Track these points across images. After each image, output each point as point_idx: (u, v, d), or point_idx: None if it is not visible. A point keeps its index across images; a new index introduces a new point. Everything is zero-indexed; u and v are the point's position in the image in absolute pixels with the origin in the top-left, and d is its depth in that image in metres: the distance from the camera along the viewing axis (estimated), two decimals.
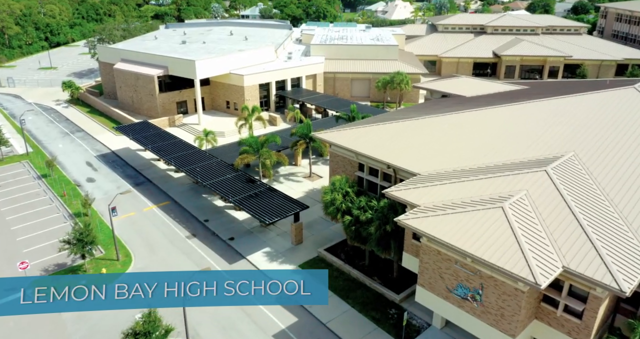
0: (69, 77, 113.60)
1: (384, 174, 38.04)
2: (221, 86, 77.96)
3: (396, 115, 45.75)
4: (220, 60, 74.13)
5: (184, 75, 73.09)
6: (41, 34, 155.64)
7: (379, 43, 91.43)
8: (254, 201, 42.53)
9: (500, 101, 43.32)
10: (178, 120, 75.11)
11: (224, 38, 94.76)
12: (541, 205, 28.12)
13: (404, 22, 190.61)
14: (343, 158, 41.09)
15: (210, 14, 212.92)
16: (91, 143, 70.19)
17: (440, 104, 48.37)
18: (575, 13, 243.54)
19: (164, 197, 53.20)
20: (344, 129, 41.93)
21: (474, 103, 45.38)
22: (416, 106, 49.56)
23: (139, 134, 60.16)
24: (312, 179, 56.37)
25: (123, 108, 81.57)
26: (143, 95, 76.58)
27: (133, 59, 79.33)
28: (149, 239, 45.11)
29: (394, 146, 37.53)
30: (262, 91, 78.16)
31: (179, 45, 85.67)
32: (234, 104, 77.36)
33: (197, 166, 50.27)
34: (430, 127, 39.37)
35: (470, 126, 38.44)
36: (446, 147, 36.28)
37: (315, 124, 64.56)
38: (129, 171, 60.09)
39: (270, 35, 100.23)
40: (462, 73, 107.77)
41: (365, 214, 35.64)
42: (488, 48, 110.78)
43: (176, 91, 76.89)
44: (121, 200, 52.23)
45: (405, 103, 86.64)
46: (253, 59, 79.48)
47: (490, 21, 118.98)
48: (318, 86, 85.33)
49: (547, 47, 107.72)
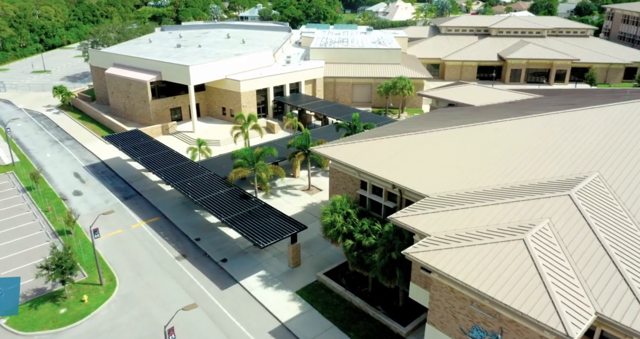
0: (62, 81, 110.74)
1: (388, 193, 35.00)
2: (217, 91, 74.96)
3: (401, 127, 42.69)
4: (215, 65, 71.12)
5: (178, 81, 70.07)
6: (36, 36, 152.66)
7: (380, 47, 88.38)
8: (248, 221, 39.46)
9: (513, 113, 40.24)
10: (172, 127, 72.08)
11: (221, 41, 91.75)
12: (566, 236, 25.04)
13: (406, 23, 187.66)
14: (344, 174, 38.05)
15: (209, 15, 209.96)
16: (80, 152, 67.14)
17: (448, 115, 45.30)
18: (579, 14, 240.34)
19: (153, 212, 50.15)
20: (345, 143, 38.86)
21: (485, 114, 42.31)
22: (422, 116, 46.52)
23: (129, 144, 57.14)
24: (311, 192, 53.32)
25: (115, 114, 78.59)
26: (135, 101, 73.58)
27: (125, 64, 76.33)
28: (136, 261, 42.04)
29: (399, 163, 34.48)
30: (259, 97, 75.17)
31: (174, 49, 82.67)
32: (230, 111, 74.34)
33: (188, 180, 47.23)
34: (438, 142, 36.29)
35: (483, 141, 35.35)
36: (457, 165, 33.20)
37: (315, 133, 61.61)
38: (118, 183, 57.06)
39: (269, 38, 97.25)
40: (466, 77, 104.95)
41: (368, 239, 32.59)
42: (493, 51, 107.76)
43: (170, 97, 73.88)
44: (108, 216, 49.31)
45: (408, 109, 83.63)
46: (250, 63, 76.47)
47: (495, 23, 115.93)
48: (318, 91, 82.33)
49: (553, 50, 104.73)
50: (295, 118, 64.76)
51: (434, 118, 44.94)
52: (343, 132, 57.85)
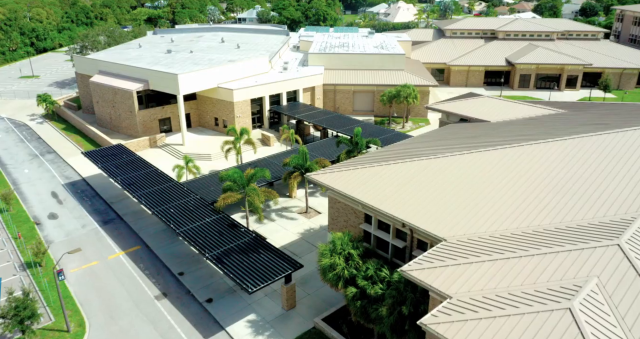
0: (50, 87, 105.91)
1: (397, 230, 30.14)
2: (209, 100, 70.09)
3: (409, 147, 37.79)
4: (207, 72, 66.23)
5: (166, 90, 65.21)
6: (26, 40, 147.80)
7: (383, 52, 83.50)
8: (235, 257, 34.57)
9: (538, 133, 35.34)
10: (160, 140, 67.21)
11: (214, 46, 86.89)
12: (622, 303, 20.18)
13: (408, 25, 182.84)
14: (345, 205, 33.19)
15: (206, 17, 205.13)
16: (61, 168, 62.27)
17: (462, 133, 40.41)
18: (584, 15, 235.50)
19: (134, 240, 45.27)
20: (347, 168, 33.97)
21: (505, 134, 37.40)
22: (432, 134, 41.63)
23: (110, 162, 52.26)
24: (308, 216, 48.43)
25: (101, 125, 73.75)
26: (122, 111, 68.71)
27: (111, 71, 71.48)
28: (111, 301, 37.15)
29: (409, 196, 29.59)
30: (254, 106, 70.29)
31: (164, 54, 77.80)
32: (224, 121, 69.47)
33: (171, 206, 42.32)
34: (454, 170, 31.39)
35: (507, 170, 30.46)
36: (478, 200, 28.31)
37: (313, 147, 56.81)
38: (98, 205, 52.19)
39: (265, 43, 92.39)
40: (472, 82, 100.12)
41: (374, 288, 27.71)
42: (500, 55, 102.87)
43: (159, 106, 69.01)
44: (85, 243, 44.68)
45: (413, 118, 78.77)
46: (244, 70, 71.60)
47: (502, 26, 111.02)
48: (317, 100, 77.46)
49: (564, 54, 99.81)
50: (292, 131, 59.86)
51: (446, 137, 40.04)
52: (344, 148, 53.04)
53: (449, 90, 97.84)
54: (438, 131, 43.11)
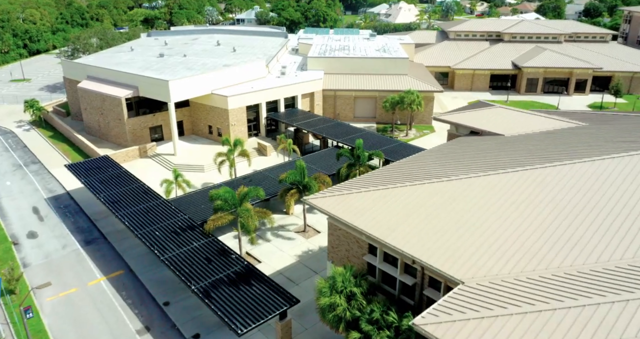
0: (41, 91, 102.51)
1: (405, 264, 26.64)
2: (202, 107, 66.58)
3: (417, 165, 34.28)
4: (200, 78, 62.72)
5: (156, 97, 61.72)
6: (19, 41, 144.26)
7: (386, 56, 79.96)
8: (224, 290, 31.05)
9: (561, 151, 31.83)
10: (151, 149, 63.68)
11: (209, 49, 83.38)
12: None
13: (409, 26, 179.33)
14: (347, 233, 29.70)
15: (204, 17, 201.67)
16: (45, 180, 58.77)
17: (474, 148, 36.88)
18: (588, 16, 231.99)
19: (117, 263, 41.78)
20: (349, 190, 30.46)
21: (523, 150, 33.89)
22: (441, 149, 38.12)
23: (94, 176, 48.75)
24: (307, 235, 44.91)
25: (90, 133, 70.24)
26: (110, 119, 65.20)
27: (100, 77, 67.97)
28: (88, 335, 33.62)
29: (420, 227, 26.09)
30: (250, 113, 66.78)
31: (156, 59, 74.27)
32: (218, 130, 65.96)
33: (157, 228, 38.80)
34: (470, 195, 27.88)
35: (531, 195, 26.94)
36: (499, 232, 24.79)
37: (312, 159, 53.34)
38: (81, 222, 48.69)
39: (263, 45, 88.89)
40: (477, 86, 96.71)
41: (380, 334, 24.20)
42: (506, 58, 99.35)
43: (150, 114, 65.49)
44: (65, 267, 41.29)
45: (417, 125, 75.23)
46: (240, 75, 68.07)
47: (507, 28, 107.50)
48: (316, 106, 73.95)
49: (572, 57, 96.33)
50: (290, 141, 56.36)
51: (458, 153, 36.52)
52: (345, 161, 49.53)
53: (453, 94, 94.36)
54: (447, 146, 39.59)
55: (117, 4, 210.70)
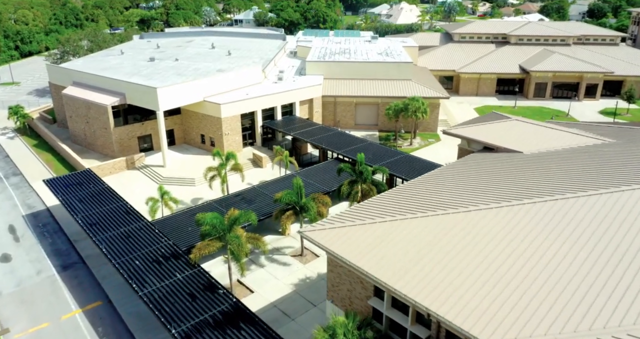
0: (29, 95, 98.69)
1: (417, 313, 22.83)
2: (194, 115, 62.72)
3: (429, 190, 30.43)
4: (191, 85, 58.84)
5: (144, 105, 57.88)
6: (10, 43, 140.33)
7: (389, 59, 76.09)
8: (210, 336, 27.17)
9: (593, 174, 27.97)
10: (139, 160, 59.82)
11: (203, 52, 79.53)
12: None
13: (411, 27, 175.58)
14: (349, 271, 25.87)
15: (202, 18, 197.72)
16: (25, 194, 54.93)
17: (491, 169, 33.04)
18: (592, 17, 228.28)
19: (96, 292, 37.91)
20: (351, 221, 26.62)
21: (544, 171, 30.05)
22: (455, 170, 34.24)
23: (73, 194, 44.89)
24: (304, 260, 41.04)
25: (75, 142, 66.37)
26: (96, 128, 61.35)
27: (86, 83, 64.09)
28: None
29: (436, 270, 22.26)
30: (246, 120, 62.91)
31: (146, 63, 70.40)
32: (211, 139, 62.10)
33: (137, 255, 34.95)
34: (494, 231, 24.04)
35: (566, 231, 23.10)
36: (529, 279, 20.94)
37: (310, 173, 49.56)
38: (60, 243, 44.85)
39: (259, 48, 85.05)
40: (483, 91, 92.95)
41: None
42: (513, 61, 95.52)
43: (138, 122, 61.62)
44: (38, 296, 37.54)
45: (422, 133, 71.37)
46: (235, 81, 64.21)
47: (514, 30, 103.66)
48: (315, 113, 70.08)
49: (582, 60, 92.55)
50: (286, 153, 52.51)
51: (473, 173, 32.68)
52: (346, 177, 45.68)
53: (458, 99, 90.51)
54: (460, 164, 35.73)
55: (113, 4, 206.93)
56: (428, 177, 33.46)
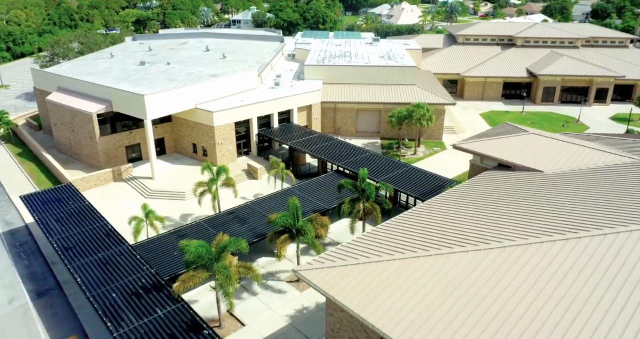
0: (18, 99, 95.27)
1: None
2: (186, 124, 59.19)
3: (442, 217, 26.92)
4: (182, 92, 55.30)
5: (131, 113, 54.35)
6: (2, 44, 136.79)
7: (392, 64, 72.52)
8: None
9: (630, 201, 24.43)
10: (126, 172, 56.27)
11: (197, 56, 75.98)
12: None
13: (413, 28, 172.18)
14: (352, 317, 22.33)
15: (199, 19, 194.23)
16: (3, 209, 51.41)
17: (509, 191, 29.51)
18: (596, 17, 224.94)
19: (71, 324, 34.35)
20: (354, 259, 23.12)
21: (572, 195, 26.50)
22: (469, 191, 30.73)
23: (50, 212, 41.34)
24: (301, 287, 37.48)
25: (61, 151, 62.84)
26: (82, 137, 57.79)
27: (71, 89, 60.54)
28: None
29: (456, 324, 18.70)
30: (240, 128, 59.41)
31: (136, 68, 66.83)
32: (203, 149, 58.58)
33: (114, 287, 31.39)
34: (520, 273, 20.50)
35: (612, 281, 19.56)
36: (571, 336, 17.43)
37: (308, 189, 46.10)
38: (36, 265, 41.29)
39: (256, 51, 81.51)
40: (489, 95, 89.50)
41: None
42: (520, 64, 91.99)
43: (126, 131, 58.06)
44: (6, 331, 33.86)
45: (426, 141, 67.83)
46: (229, 87, 60.70)
47: (520, 31, 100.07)
48: (314, 120, 66.56)
49: (592, 64, 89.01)
50: (283, 166, 48.95)
51: (490, 197, 29.14)
52: (348, 195, 42.20)
53: (463, 104, 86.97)
54: (475, 185, 32.19)
55: (109, 5, 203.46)
56: (441, 201, 29.92)
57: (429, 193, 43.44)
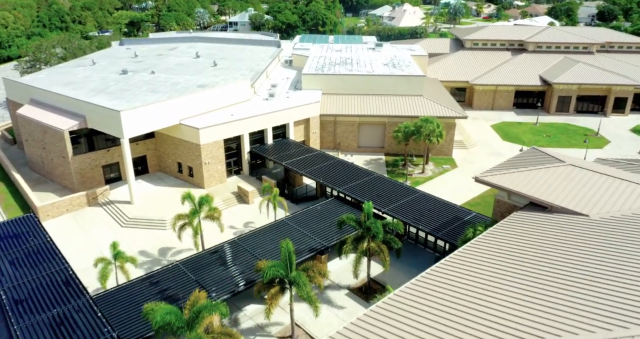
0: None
1: None
2: (170, 140, 53.45)
3: (477, 278, 21.21)
4: (164, 106, 49.53)
5: (107, 130, 48.61)
6: None
7: (397, 72, 66.68)
8: None
9: None
10: (103, 195, 50.49)
11: (186, 63, 70.16)
12: None
13: (415, 30, 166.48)
14: None
15: (194, 20, 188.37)
16: None
17: (549, 242, 23.76)
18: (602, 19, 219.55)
19: None
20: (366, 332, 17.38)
21: (630, 249, 20.80)
22: (502, 239, 25.07)
23: (5, 251, 35.46)
24: None
25: (34, 169, 57.04)
26: (54, 156, 52.01)
27: (44, 101, 54.77)
28: None
29: None
30: (230, 144, 53.70)
31: (117, 77, 60.99)
32: (189, 169, 52.82)
33: None
34: None
35: None
36: None
37: (305, 220, 40.42)
38: None
39: (250, 57, 75.74)
40: (500, 104, 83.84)
41: None
42: (533, 71, 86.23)
43: (103, 149, 52.23)
44: None
45: (434, 158, 62.09)
46: (218, 99, 55.00)
47: (531, 36, 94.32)
48: (312, 134, 60.82)
49: (609, 71, 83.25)
50: (275, 192, 43.10)
51: (529, 255, 23.40)
52: (349, 232, 36.47)
53: (472, 114, 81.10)
54: (508, 233, 26.38)
55: (102, 5, 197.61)
56: (468, 257, 24.13)
57: (444, 228, 37.73)
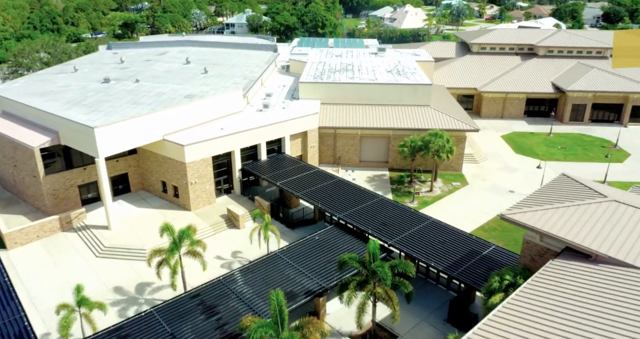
0: None
1: None
2: (153, 157, 48.60)
3: None
4: (146, 119, 44.63)
5: (80, 148, 43.70)
6: None
7: (402, 80, 61.75)
8: None
9: None
10: (78, 218, 45.60)
11: (174, 70, 65.25)
12: None
13: (418, 32, 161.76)
14: None
15: (190, 22, 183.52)
16: None
17: (597, 304, 18.96)
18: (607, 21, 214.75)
19: None
20: None
21: None
22: (542, 301, 20.38)
23: None
24: None
25: (7, 188, 52.18)
26: (25, 174, 47.13)
27: (16, 114, 49.93)
28: None
29: None
30: (220, 161, 48.89)
31: (97, 86, 56.02)
32: (174, 188, 47.97)
33: None
34: None
35: None
36: None
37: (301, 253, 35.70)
38: None
39: (245, 63, 70.87)
40: (510, 112, 79.07)
41: None
42: (544, 77, 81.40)
43: (79, 167, 47.35)
44: None
45: (443, 173, 57.25)
46: (207, 111, 50.17)
47: (542, 40, 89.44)
48: (310, 148, 55.96)
49: (625, 77, 78.34)
50: (268, 219, 38.22)
51: (572, 314, 18.58)
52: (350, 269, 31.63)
53: (481, 123, 76.07)
54: (545, 291, 21.55)
55: (97, 6, 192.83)
56: (508, 324, 19.29)
57: (460, 265, 32.91)
